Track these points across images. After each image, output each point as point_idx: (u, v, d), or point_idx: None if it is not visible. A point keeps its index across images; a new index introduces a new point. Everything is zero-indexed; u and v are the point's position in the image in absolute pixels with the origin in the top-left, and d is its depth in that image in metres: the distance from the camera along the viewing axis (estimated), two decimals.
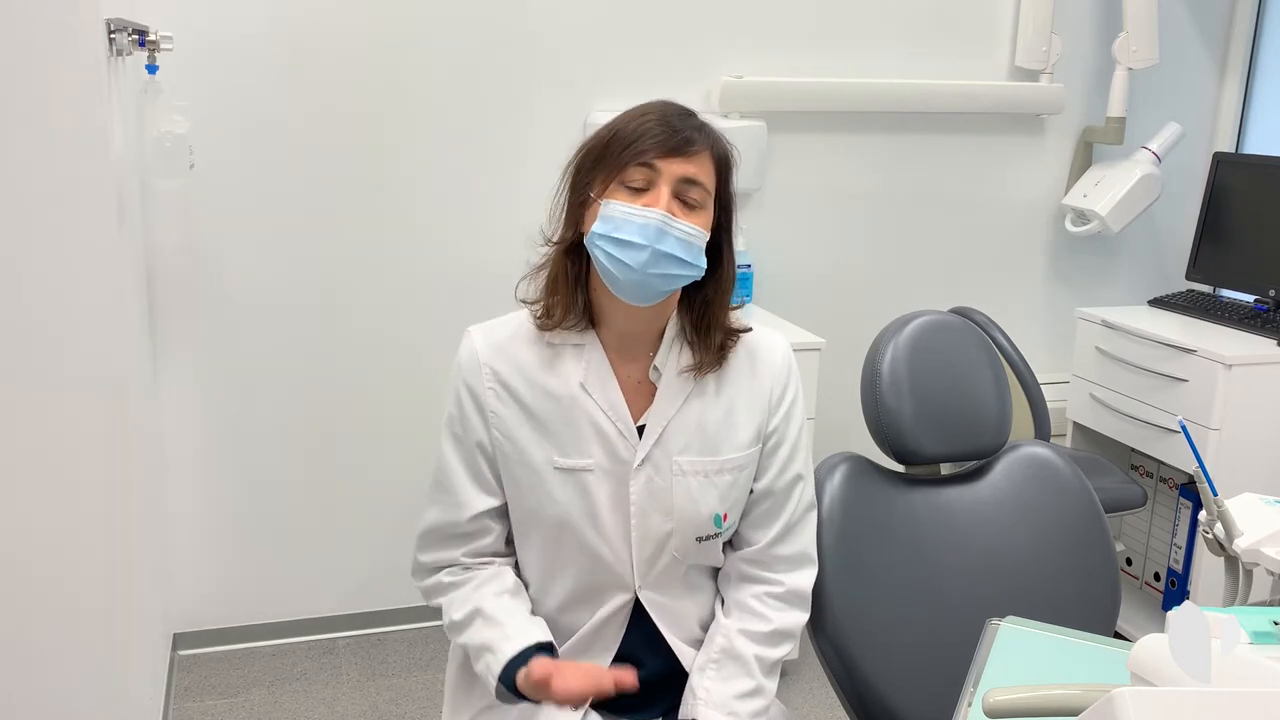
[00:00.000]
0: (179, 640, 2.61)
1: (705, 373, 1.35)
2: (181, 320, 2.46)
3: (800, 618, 1.41)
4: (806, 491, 1.43)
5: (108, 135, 1.70)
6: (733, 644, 1.37)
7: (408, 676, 2.56)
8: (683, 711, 1.36)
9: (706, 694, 1.34)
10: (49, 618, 1.79)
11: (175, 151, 2.03)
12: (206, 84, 2.34)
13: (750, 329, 1.40)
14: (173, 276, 2.43)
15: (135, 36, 1.89)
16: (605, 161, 1.27)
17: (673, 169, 1.25)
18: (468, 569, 1.37)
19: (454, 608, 1.35)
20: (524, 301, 1.38)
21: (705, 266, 1.29)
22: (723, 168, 1.31)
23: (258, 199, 2.44)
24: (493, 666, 1.29)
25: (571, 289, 1.32)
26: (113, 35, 1.77)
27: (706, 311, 1.34)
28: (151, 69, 1.97)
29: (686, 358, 1.35)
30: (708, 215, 1.29)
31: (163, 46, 1.94)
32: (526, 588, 1.40)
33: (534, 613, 1.38)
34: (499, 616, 1.32)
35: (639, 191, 1.26)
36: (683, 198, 1.26)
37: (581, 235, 1.30)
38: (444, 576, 1.38)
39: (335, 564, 2.68)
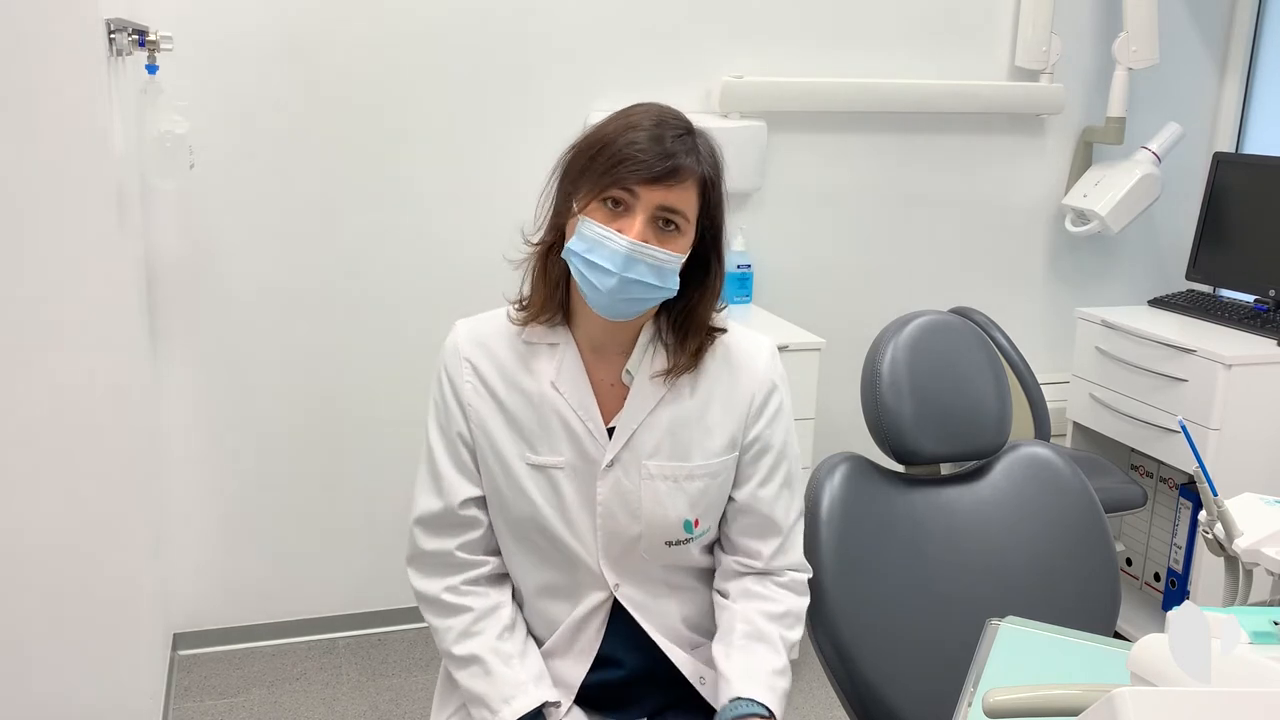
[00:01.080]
0: (179, 640, 2.61)
1: (677, 376, 1.34)
2: (181, 320, 2.46)
3: (804, 603, 1.40)
4: (797, 500, 1.42)
5: (108, 135, 1.70)
6: (757, 626, 1.35)
7: (408, 676, 2.56)
8: (720, 696, 1.31)
9: (744, 671, 1.31)
10: (49, 618, 1.79)
11: (175, 151, 2.03)
12: (206, 84, 2.34)
13: (726, 330, 1.38)
14: (173, 276, 2.43)
15: (135, 36, 1.89)
16: (590, 173, 1.25)
17: (652, 197, 1.23)
18: (466, 585, 1.36)
19: (451, 638, 1.35)
20: (511, 301, 1.38)
21: (677, 287, 1.28)
22: (709, 190, 1.28)
23: (258, 199, 2.45)
24: None
25: (552, 287, 1.32)
26: (113, 35, 1.77)
27: (689, 319, 1.33)
28: (151, 69, 1.97)
29: (660, 361, 1.34)
30: (687, 239, 1.28)
31: (163, 46, 1.94)
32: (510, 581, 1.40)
33: (514, 599, 1.39)
34: (496, 669, 1.32)
35: (616, 213, 1.25)
36: (660, 222, 1.25)
37: (563, 237, 1.30)
38: (445, 595, 1.36)
39: (335, 564, 2.68)
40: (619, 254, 1.22)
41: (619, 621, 1.37)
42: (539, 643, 1.39)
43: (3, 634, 1.76)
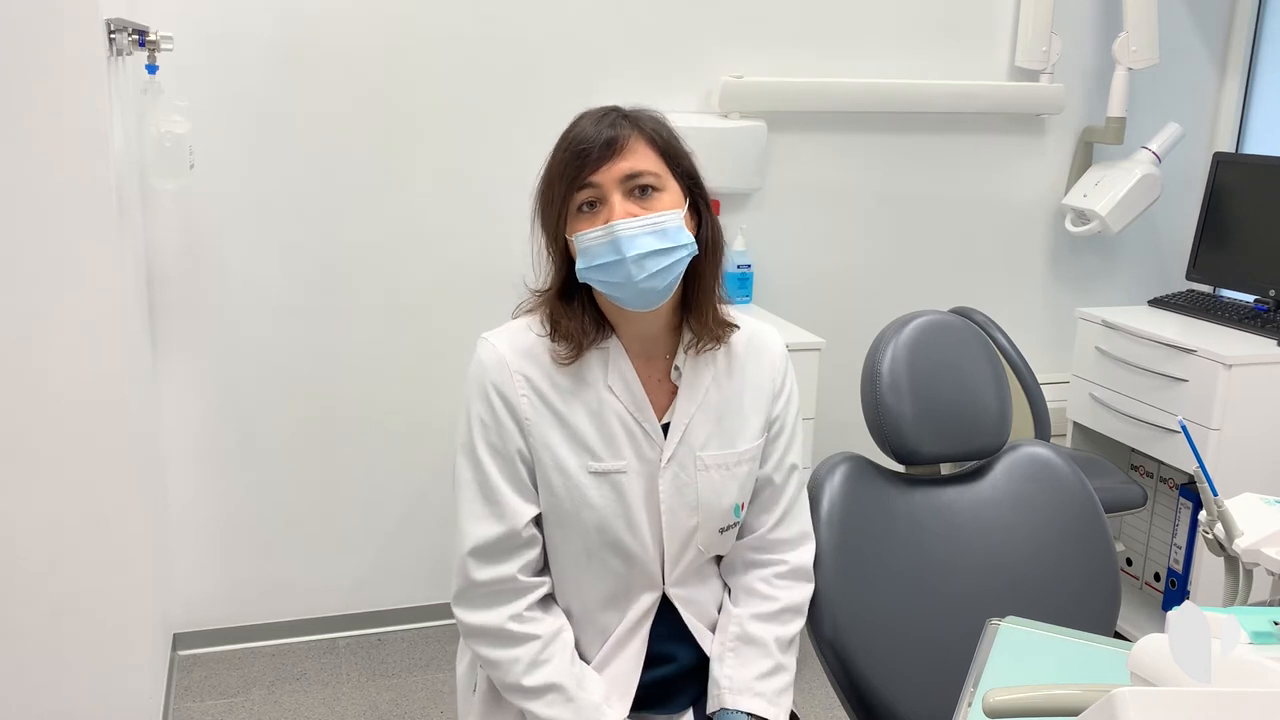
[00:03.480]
0: (179, 640, 2.61)
1: (704, 346, 1.36)
2: (181, 320, 2.45)
3: (806, 590, 1.43)
4: (799, 470, 1.46)
5: (108, 135, 1.70)
6: (746, 629, 1.39)
7: (408, 676, 2.56)
8: (710, 704, 1.37)
9: (730, 681, 1.36)
10: (49, 618, 1.79)
11: (175, 151, 2.03)
12: (206, 84, 2.34)
13: (738, 326, 1.41)
14: (173, 276, 2.43)
15: (135, 36, 1.89)
16: (555, 196, 1.28)
17: (611, 174, 1.25)
18: (529, 611, 1.33)
19: (520, 670, 1.30)
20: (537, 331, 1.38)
21: (692, 242, 1.29)
22: (664, 144, 1.29)
23: (258, 199, 2.44)
24: None
25: (579, 318, 1.32)
26: (113, 35, 1.77)
27: (698, 283, 1.34)
28: (151, 69, 1.97)
29: (693, 340, 1.37)
30: (672, 193, 1.29)
31: (163, 46, 1.94)
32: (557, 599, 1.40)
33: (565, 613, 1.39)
34: (576, 694, 1.31)
35: (594, 213, 1.26)
36: (635, 191, 1.26)
37: (567, 274, 1.32)
38: (511, 625, 1.31)
39: (335, 564, 2.68)
40: (616, 241, 1.24)
41: (663, 620, 1.39)
42: (585, 657, 1.38)
43: (3, 634, 1.76)
